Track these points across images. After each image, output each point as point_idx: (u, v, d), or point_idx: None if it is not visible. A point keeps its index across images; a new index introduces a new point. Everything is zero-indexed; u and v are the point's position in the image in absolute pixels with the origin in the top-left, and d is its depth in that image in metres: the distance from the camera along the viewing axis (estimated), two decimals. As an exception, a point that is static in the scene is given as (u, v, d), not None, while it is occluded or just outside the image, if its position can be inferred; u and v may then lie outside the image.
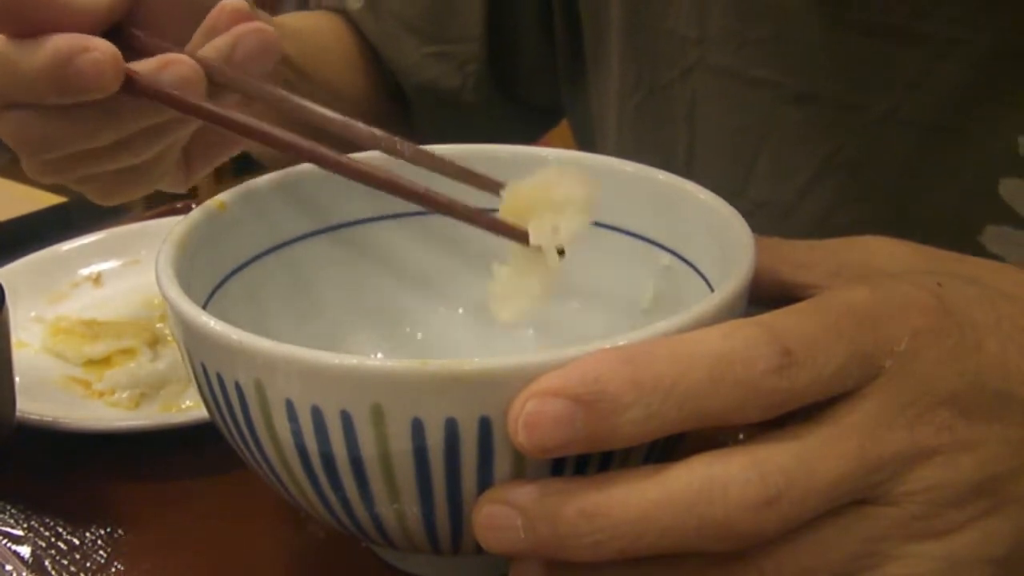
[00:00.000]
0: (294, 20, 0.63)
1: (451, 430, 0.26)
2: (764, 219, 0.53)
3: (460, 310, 0.42)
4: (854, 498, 0.26)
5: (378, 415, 0.26)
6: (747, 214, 0.54)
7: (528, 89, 0.67)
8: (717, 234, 0.34)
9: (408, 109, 0.66)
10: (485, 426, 0.25)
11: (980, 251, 0.47)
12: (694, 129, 0.56)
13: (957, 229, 0.47)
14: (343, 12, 0.65)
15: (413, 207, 0.41)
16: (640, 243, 0.38)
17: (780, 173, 0.52)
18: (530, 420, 0.24)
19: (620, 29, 0.58)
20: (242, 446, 0.30)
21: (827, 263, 0.31)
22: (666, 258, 0.37)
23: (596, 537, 0.24)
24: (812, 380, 0.25)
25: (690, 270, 0.36)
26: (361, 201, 0.40)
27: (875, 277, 0.29)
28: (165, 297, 0.30)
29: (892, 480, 0.26)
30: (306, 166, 0.39)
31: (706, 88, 0.54)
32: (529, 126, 0.70)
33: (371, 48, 0.64)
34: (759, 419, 0.25)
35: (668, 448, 0.28)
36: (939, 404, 0.26)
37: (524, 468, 0.26)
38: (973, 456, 0.26)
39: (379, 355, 0.41)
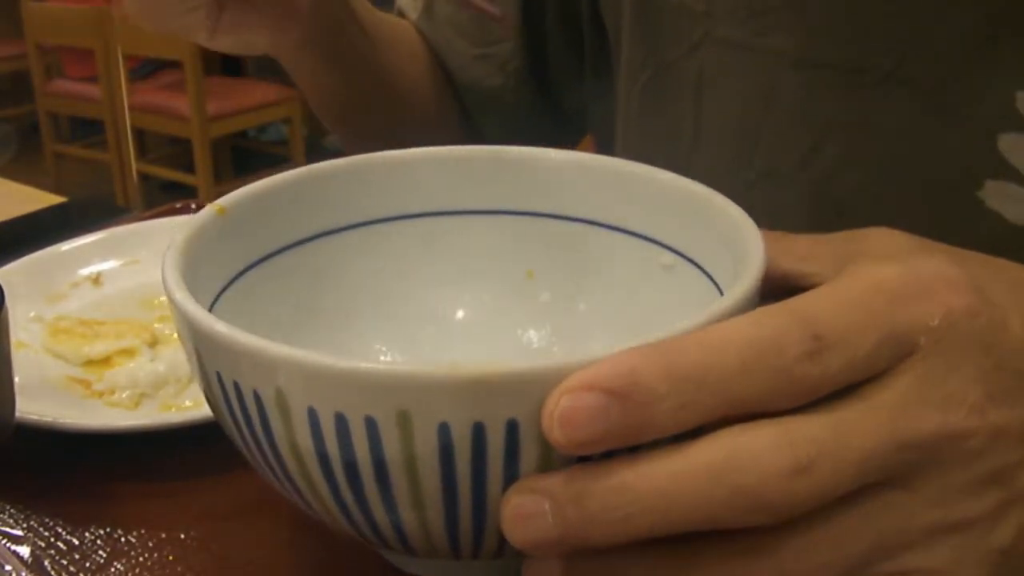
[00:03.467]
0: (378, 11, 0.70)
1: (478, 434, 0.25)
2: (769, 188, 0.54)
3: (460, 313, 0.42)
4: (883, 476, 0.25)
5: (405, 421, 0.25)
6: (752, 185, 0.55)
7: (559, 89, 0.70)
8: (721, 231, 0.34)
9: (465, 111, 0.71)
10: (512, 429, 0.25)
11: (979, 206, 0.48)
12: (700, 103, 0.56)
13: (957, 186, 0.48)
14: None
15: (415, 210, 0.41)
16: (642, 242, 0.38)
17: (783, 140, 0.53)
18: (565, 415, 0.24)
19: (631, 10, 0.59)
20: (256, 453, 0.29)
21: (831, 255, 0.31)
22: (669, 257, 0.37)
23: (626, 511, 0.24)
24: (844, 364, 0.25)
25: (694, 268, 0.36)
26: (360, 204, 0.40)
27: (901, 255, 0.29)
28: (177, 308, 0.29)
29: (920, 462, 0.25)
30: (304, 170, 0.39)
31: (712, 62, 0.55)
32: (565, 130, 0.73)
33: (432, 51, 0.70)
34: (792, 405, 0.25)
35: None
36: (970, 383, 0.26)
37: (551, 467, 0.26)
38: (997, 442, 0.26)
39: (387, 358, 0.41)
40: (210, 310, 0.34)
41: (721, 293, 0.34)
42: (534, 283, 0.42)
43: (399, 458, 0.26)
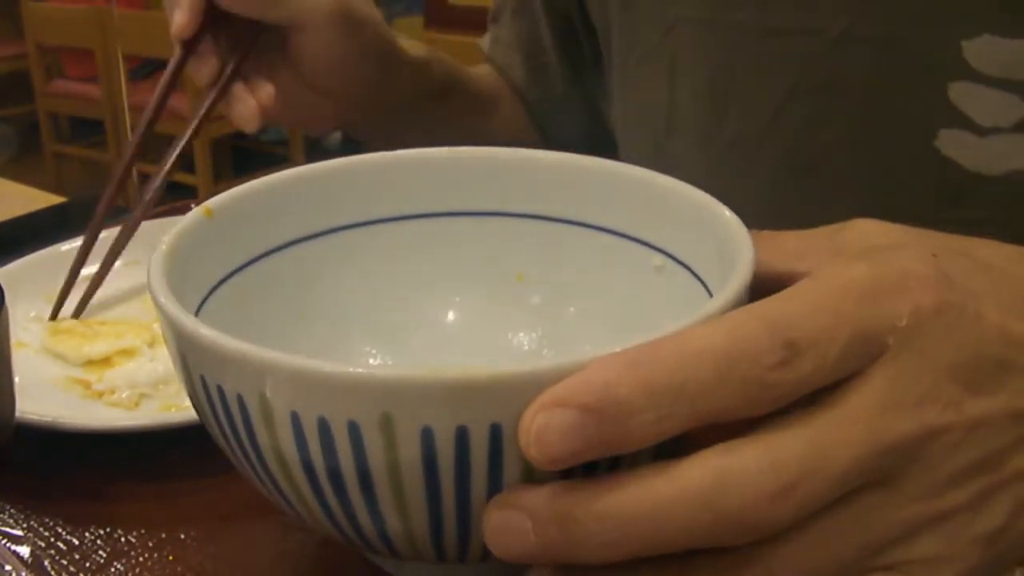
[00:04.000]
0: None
1: (461, 437, 0.25)
2: (739, 156, 0.56)
3: (451, 315, 0.42)
4: (865, 480, 0.26)
5: (388, 424, 0.25)
6: (722, 157, 0.58)
7: (589, 90, 0.74)
8: (711, 233, 0.34)
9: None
10: (496, 433, 0.25)
11: (935, 156, 0.50)
12: (674, 82, 0.59)
13: (915, 137, 0.50)
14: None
15: (406, 212, 0.41)
16: (633, 244, 0.38)
17: (750, 108, 0.55)
18: (541, 434, 0.24)
19: (616, 10, 0.62)
20: (241, 457, 0.29)
21: (821, 249, 0.31)
22: (658, 259, 0.37)
23: (608, 537, 0.24)
24: (816, 368, 0.25)
25: (684, 270, 0.36)
26: (351, 206, 0.40)
27: (873, 251, 0.29)
28: (161, 311, 0.29)
29: (901, 463, 0.26)
30: (293, 172, 0.39)
31: (683, 43, 0.58)
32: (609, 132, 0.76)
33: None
34: (767, 411, 0.25)
35: (676, 446, 0.28)
36: (943, 380, 0.26)
37: (534, 473, 0.26)
38: (978, 432, 0.26)
39: (376, 361, 0.41)
40: (197, 313, 0.34)
41: (711, 295, 0.34)
42: (524, 285, 0.42)
43: (382, 462, 0.26)
